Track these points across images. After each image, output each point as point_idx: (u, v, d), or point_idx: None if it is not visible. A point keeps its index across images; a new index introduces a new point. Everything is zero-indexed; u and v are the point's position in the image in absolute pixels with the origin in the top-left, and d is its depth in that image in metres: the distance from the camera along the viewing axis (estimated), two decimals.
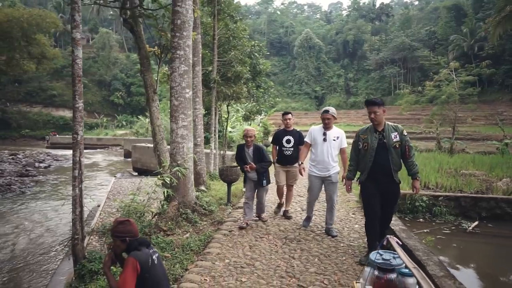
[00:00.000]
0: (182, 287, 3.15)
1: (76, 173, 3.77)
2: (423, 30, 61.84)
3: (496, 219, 5.95)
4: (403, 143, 3.82)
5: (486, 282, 4.26)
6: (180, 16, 5.05)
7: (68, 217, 10.80)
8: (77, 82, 3.68)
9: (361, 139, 3.99)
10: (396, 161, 3.81)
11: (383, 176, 3.83)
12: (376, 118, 3.81)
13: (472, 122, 34.56)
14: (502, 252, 5.24)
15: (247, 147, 5.36)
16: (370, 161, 3.86)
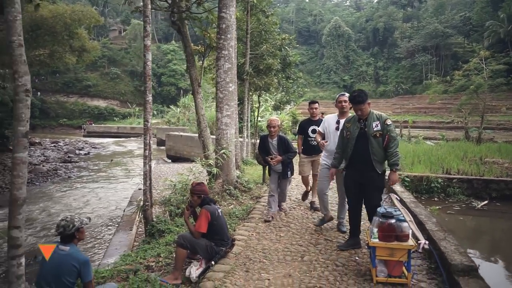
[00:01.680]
0: (236, 237, 4.08)
1: (147, 152, 4.73)
2: (457, 16, 59.86)
3: (505, 199, 6.59)
4: (384, 132, 3.74)
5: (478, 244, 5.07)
6: (225, 21, 5.91)
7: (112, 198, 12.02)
8: (147, 80, 4.61)
9: (346, 127, 4.01)
10: (376, 150, 3.76)
11: (363, 164, 3.82)
12: (362, 113, 3.83)
13: (506, 111, 33.74)
14: (503, 225, 5.98)
15: (271, 137, 5.25)
16: (351, 150, 3.88)
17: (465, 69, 17.98)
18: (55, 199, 12.17)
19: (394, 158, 3.77)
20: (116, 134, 45.27)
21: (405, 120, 25.80)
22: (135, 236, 7.17)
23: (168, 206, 5.39)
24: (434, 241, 3.48)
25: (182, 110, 37.53)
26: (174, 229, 4.75)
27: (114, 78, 65.89)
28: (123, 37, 74.22)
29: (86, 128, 49.77)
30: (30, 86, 2.14)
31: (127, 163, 21.32)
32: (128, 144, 34.52)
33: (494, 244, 5.37)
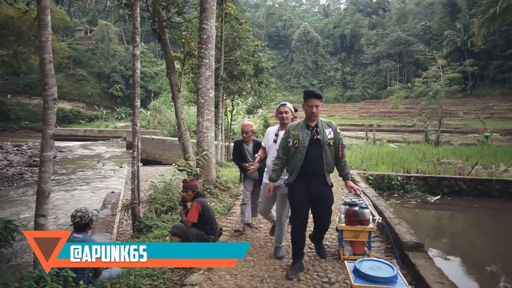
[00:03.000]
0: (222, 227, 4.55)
1: (135, 153, 5.12)
2: (418, 25, 63.08)
3: (455, 194, 7.49)
4: (336, 141, 3.42)
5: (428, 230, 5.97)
6: (206, 32, 6.39)
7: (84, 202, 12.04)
8: (136, 87, 5.01)
9: (292, 135, 3.45)
10: (329, 160, 3.39)
11: (315, 177, 3.39)
12: (317, 112, 3.39)
13: (463, 116, 35.97)
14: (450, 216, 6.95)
15: (246, 143, 4.90)
16: (301, 160, 3.36)
17: (424, 76, 19.30)
18: (23, 204, 11.93)
19: (347, 168, 3.50)
20: (83, 137, 44.30)
21: (371, 124, 27.11)
22: (116, 236, 7.46)
23: (154, 204, 5.78)
24: (390, 226, 4.12)
25: (152, 113, 37.35)
26: (161, 225, 5.16)
27: (80, 80, 64.22)
28: (89, 38, 72.54)
29: None
30: (56, 95, 2.55)
31: (97, 167, 21.15)
32: (96, 148, 33.94)
33: (440, 230, 6.27)
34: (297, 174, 3.43)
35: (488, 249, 5.32)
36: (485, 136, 16.99)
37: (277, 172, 3.58)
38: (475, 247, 5.46)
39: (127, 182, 12.78)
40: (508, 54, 43.10)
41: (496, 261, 4.89)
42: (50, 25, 2.37)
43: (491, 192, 7.38)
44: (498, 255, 5.05)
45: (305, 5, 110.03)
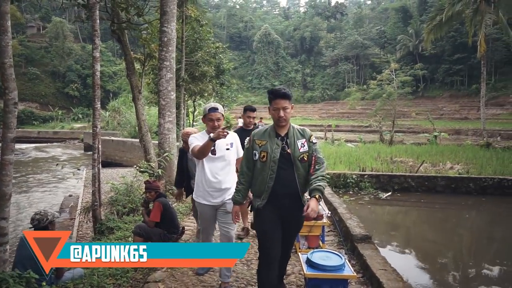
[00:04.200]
0: (184, 226, 4.67)
1: (95, 156, 5.12)
2: (374, 29, 65.75)
3: (404, 190, 8.06)
4: (310, 153, 2.76)
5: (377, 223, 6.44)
6: (167, 34, 6.46)
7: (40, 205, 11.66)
8: (96, 89, 5.02)
9: (258, 146, 2.76)
10: (303, 178, 2.74)
11: (288, 199, 2.75)
12: (286, 116, 2.70)
13: (416, 116, 37.88)
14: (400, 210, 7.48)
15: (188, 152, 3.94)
16: (271, 179, 2.70)
17: (378, 79, 20.27)
18: None
19: (319, 182, 2.66)
20: (37, 139, 42.18)
21: (329, 124, 28.01)
22: (76, 239, 7.34)
23: (115, 206, 5.78)
24: (342, 220, 4.44)
25: (111, 114, 36.31)
26: (124, 226, 5.19)
27: (33, 79, 61.05)
28: (42, 35, 69.08)
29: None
30: (17, 99, 2.59)
31: (53, 170, 20.32)
32: (51, 150, 32.53)
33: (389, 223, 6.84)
34: (267, 196, 2.73)
35: (430, 240, 5.85)
36: (434, 135, 18.10)
37: (242, 193, 2.88)
38: (418, 238, 5.97)
39: (86, 185, 12.47)
40: (455, 58, 45.99)
41: (437, 250, 5.40)
42: (10, 30, 2.41)
43: (436, 188, 8.02)
44: (438, 245, 5.58)
45: (265, 7, 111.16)
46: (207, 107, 3.30)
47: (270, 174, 2.71)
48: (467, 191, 7.83)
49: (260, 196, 2.79)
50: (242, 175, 2.90)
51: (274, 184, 2.71)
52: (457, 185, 7.92)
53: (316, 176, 2.70)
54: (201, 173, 3.26)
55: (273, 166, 2.71)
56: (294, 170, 2.71)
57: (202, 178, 3.26)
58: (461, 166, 10.25)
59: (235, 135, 3.43)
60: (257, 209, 2.85)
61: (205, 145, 3.01)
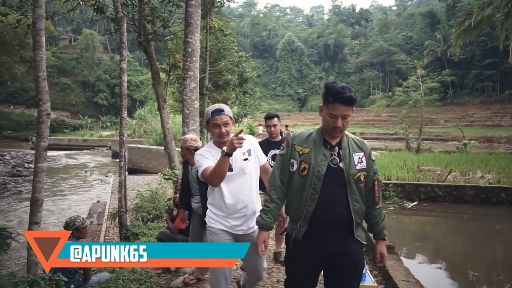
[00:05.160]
0: None
1: (122, 163, 5.29)
2: (400, 35, 64.74)
3: (431, 200, 7.86)
4: (370, 175, 2.11)
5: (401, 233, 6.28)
6: (191, 45, 6.62)
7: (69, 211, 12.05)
8: (123, 99, 5.20)
9: (298, 154, 2.11)
10: (359, 204, 2.06)
11: (336, 232, 2.04)
12: (344, 127, 2.03)
13: (444, 123, 36.96)
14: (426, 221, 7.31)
15: (191, 164, 3.57)
16: (312, 200, 2.02)
17: (404, 86, 19.91)
18: (6, 214, 11.90)
19: (383, 219, 2.18)
20: (68, 146, 43.76)
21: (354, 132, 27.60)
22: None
23: (140, 212, 5.93)
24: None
25: (138, 122, 37.25)
26: (148, 232, 5.32)
27: (64, 89, 63.57)
28: (74, 47, 71.98)
29: (34, 140, 47.44)
30: (50, 110, 2.74)
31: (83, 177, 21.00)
32: (81, 157, 33.64)
33: (414, 233, 6.68)
34: (307, 223, 2.03)
35: (457, 251, 5.67)
36: (464, 143, 17.57)
37: (272, 214, 2.15)
38: (445, 250, 5.80)
39: (113, 192, 12.81)
40: (485, 63, 44.59)
41: (463, 262, 5.22)
42: (44, 46, 2.57)
43: (465, 197, 7.78)
44: (465, 257, 5.39)
45: (289, 15, 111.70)
46: (209, 110, 2.49)
47: (311, 194, 2.00)
48: (498, 202, 7.54)
49: (297, 222, 2.07)
50: (273, 190, 2.16)
51: (315, 208, 1.99)
52: (487, 195, 7.65)
53: (380, 210, 2.16)
54: (218, 197, 2.48)
55: (316, 183, 1.99)
56: (347, 192, 2.01)
57: (220, 202, 2.48)
58: (492, 176, 9.89)
59: (250, 137, 2.66)
60: (292, 241, 2.13)
61: (219, 165, 2.27)
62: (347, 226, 2.02)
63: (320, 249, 2.04)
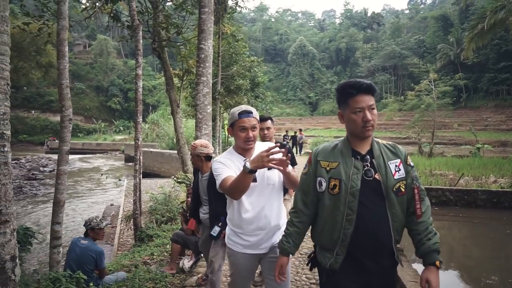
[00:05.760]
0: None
1: (137, 167, 5.44)
2: (412, 38, 64.28)
3: (442, 204, 7.83)
4: (409, 183, 1.80)
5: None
6: (204, 51, 6.78)
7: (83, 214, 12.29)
8: (138, 104, 5.36)
9: (325, 170, 1.83)
10: (399, 221, 1.77)
11: (378, 256, 1.75)
12: (374, 121, 1.76)
13: (458, 128, 36.53)
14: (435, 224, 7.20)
15: (201, 172, 3.39)
16: (350, 222, 1.73)
17: (416, 90, 19.81)
18: (22, 216, 12.13)
19: (435, 237, 1.81)
20: (81, 150, 44.51)
21: None
22: (117, 246, 7.73)
23: (154, 215, 6.08)
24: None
25: (150, 126, 37.73)
26: (162, 234, 5.45)
27: (79, 93, 64.68)
28: (88, 52, 73.33)
29: (49, 144, 48.46)
30: (72, 116, 2.89)
31: (95, 180, 21.37)
32: (94, 161, 34.21)
33: None
34: (345, 250, 1.75)
35: (466, 255, 5.66)
36: (477, 147, 17.38)
37: (294, 238, 1.93)
38: (454, 253, 5.79)
39: (126, 195, 13.05)
40: (500, 67, 43.99)
41: (472, 265, 5.22)
42: (68, 55, 2.73)
43: (476, 202, 7.74)
44: (474, 260, 5.38)
45: (301, 20, 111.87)
46: (235, 111, 2.21)
47: (347, 215, 1.72)
48: (510, 206, 7.48)
49: (332, 250, 1.77)
50: (294, 213, 1.94)
51: (354, 231, 1.71)
52: (499, 200, 7.59)
53: (427, 225, 1.79)
54: (237, 211, 2.21)
55: (351, 201, 1.72)
56: (386, 208, 1.72)
57: (239, 217, 2.20)
58: (506, 180, 9.79)
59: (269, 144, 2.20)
60: (328, 271, 1.81)
61: (240, 181, 1.97)
62: (389, 248, 1.75)
63: (362, 279, 1.75)
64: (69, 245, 3.79)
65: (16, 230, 2.15)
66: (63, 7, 2.73)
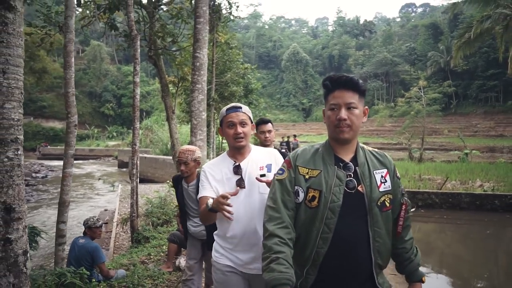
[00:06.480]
0: None
1: (134, 171, 5.65)
2: (403, 46, 65.23)
3: (428, 207, 8.16)
4: (397, 197, 1.61)
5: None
6: (199, 60, 7.03)
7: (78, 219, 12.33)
8: (136, 110, 5.59)
9: (304, 178, 1.58)
10: (381, 241, 1.53)
11: (354, 280, 1.53)
12: (351, 122, 1.54)
13: (448, 134, 37.16)
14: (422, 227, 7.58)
15: (186, 180, 3.18)
16: (325, 241, 1.50)
17: (406, 97, 20.26)
18: None
19: (417, 252, 1.70)
20: (74, 156, 44.18)
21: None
22: (113, 250, 7.89)
23: (150, 217, 6.28)
24: None
25: (144, 132, 37.80)
26: (158, 236, 5.65)
27: None
28: (81, 58, 73.17)
29: (41, 150, 48.20)
30: (77, 122, 3.12)
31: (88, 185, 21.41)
32: (87, 167, 34.10)
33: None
34: (317, 270, 1.52)
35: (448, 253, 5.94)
36: (465, 153, 17.81)
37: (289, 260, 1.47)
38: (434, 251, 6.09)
39: (121, 200, 13.16)
40: (488, 74, 44.89)
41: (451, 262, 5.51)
42: (73, 65, 2.95)
43: (460, 204, 8.07)
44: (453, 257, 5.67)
45: (294, 27, 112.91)
46: (224, 108, 2.11)
47: (322, 232, 1.49)
48: (492, 208, 7.82)
49: (303, 266, 1.55)
50: (283, 229, 1.54)
51: (328, 251, 1.49)
52: (482, 202, 7.93)
53: (413, 241, 1.67)
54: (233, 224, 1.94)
55: (330, 218, 1.48)
56: (368, 225, 1.50)
57: (226, 229, 1.98)
58: (491, 184, 10.16)
59: (275, 151, 2.18)
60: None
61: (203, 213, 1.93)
62: (368, 272, 1.51)
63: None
64: (70, 245, 4.02)
65: (27, 227, 2.35)
66: (70, 21, 2.97)
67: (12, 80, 2.03)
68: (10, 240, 2.11)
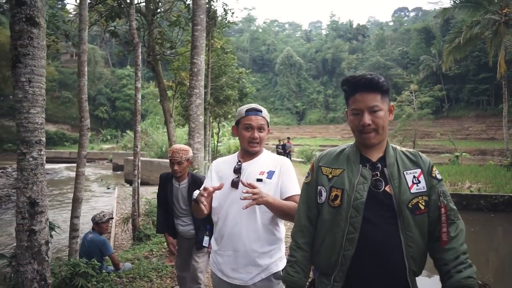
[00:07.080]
0: None
1: (135, 172, 5.93)
2: (396, 50, 66.14)
3: None
4: (433, 200, 1.46)
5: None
6: (197, 65, 7.34)
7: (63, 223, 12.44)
8: (137, 114, 5.87)
9: (327, 178, 1.56)
10: (415, 247, 1.42)
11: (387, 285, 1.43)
12: (377, 124, 1.48)
13: (440, 137, 37.77)
14: None
15: (177, 180, 3.13)
16: (351, 242, 1.44)
17: (398, 100, 20.72)
18: (12, 224, 12.36)
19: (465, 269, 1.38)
20: (68, 159, 44.26)
21: None
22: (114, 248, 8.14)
23: (151, 217, 6.54)
24: None
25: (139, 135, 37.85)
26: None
27: (65, 102, 64.51)
28: (75, 61, 72.68)
29: None
30: (89, 125, 3.40)
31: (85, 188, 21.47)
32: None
33: None
34: (343, 276, 1.45)
35: None
36: (456, 156, 18.27)
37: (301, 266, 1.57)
38: None
39: (118, 202, 13.37)
40: (480, 78, 45.67)
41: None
42: (86, 74, 3.24)
43: None
44: None
45: (288, 30, 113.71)
46: (242, 109, 2.03)
47: (348, 233, 1.44)
48: (478, 208, 8.17)
49: (330, 275, 1.48)
50: (299, 232, 1.60)
51: (356, 254, 1.43)
52: (468, 202, 8.28)
53: (457, 253, 1.40)
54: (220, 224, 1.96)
55: (354, 216, 1.44)
56: (399, 229, 1.42)
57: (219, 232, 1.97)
58: (480, 185, 10.52)
59: (286, 161, 2.05)
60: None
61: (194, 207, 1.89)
62: (402, 279, 1.41)
63: None
64: (81, 241, 4.31)
65: (48, 220, 2.64)
66: (84, 34, 3.25)
67: (36, 88, 2.33)
68: (35, 231, 2.41)
